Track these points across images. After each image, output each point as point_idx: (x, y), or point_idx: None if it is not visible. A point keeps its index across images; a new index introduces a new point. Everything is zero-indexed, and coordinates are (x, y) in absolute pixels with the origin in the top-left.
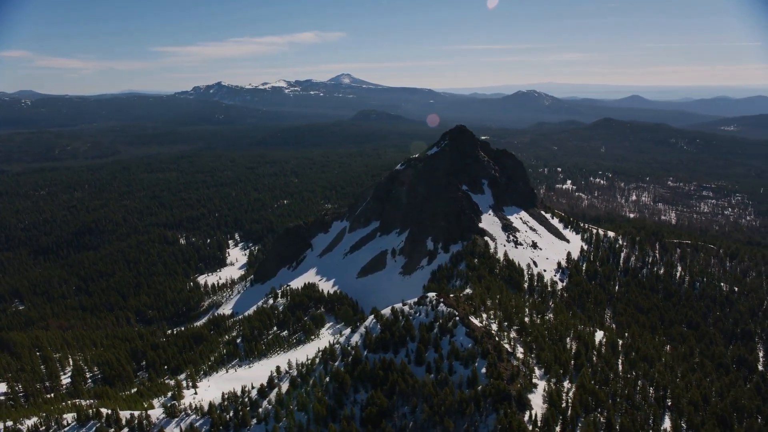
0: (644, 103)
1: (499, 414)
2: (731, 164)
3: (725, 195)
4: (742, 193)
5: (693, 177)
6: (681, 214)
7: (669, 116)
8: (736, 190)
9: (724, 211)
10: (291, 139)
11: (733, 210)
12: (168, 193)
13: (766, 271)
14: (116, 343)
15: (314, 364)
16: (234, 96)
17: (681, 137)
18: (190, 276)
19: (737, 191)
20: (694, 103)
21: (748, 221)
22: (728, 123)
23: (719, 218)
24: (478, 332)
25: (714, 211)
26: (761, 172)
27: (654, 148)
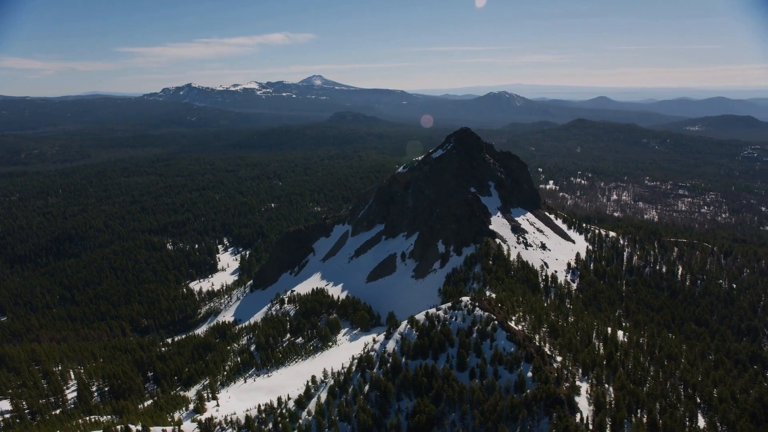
0: (611, 104)
1: (552, 418)
2: (701, 163)
3: (700, 193)
4: (716, 191)
5: (668, 176)
6: (662, 212)
7: (635, 117)
8: (709, 188)
9: (700, 209)
10: (268, 141)
11: (709, 208)
12: (148, 197)
13: (760, 267)
14: (117, 354)
15: (351, 372)
16: (205, 98)
17: (652, 137)
18: (181, 283)
19: (710, 190)
20: (658, 104)
21: (724, 219)
22: (692, 123)
23: (696, 216)
24: (519, 336)
25: (691, 209)
26: (729, 171)
27: (627, 148)
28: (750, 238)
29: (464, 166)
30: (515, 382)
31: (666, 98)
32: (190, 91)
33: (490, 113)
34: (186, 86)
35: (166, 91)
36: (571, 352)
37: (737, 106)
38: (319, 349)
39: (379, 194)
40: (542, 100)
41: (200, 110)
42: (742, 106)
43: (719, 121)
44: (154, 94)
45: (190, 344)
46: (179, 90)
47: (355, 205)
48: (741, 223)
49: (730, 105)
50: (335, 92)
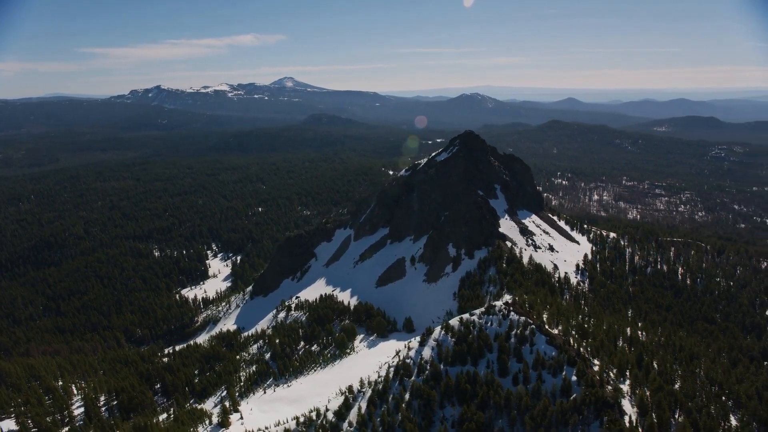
0: (580, 105)
1: (602, 422)
2: (672, 163)
3: (675, 193)
4: (690, 190)
5: (644, 176)
6: (643, 212)
7: (604, 118)
8: (683, 187)
9: (677, 208)
10: (244, 144)
11: (686, 207)
12: (128, 202)
13: (752, 265)
14: (118, 367)
15: (388, 381)
16: (175, 100)
17: (624, 138)
18: (172, 290)
19: (685, 189)
20: (624, 106)
21: (701, 217)
22: (659, 124)
23: (674, 215)
24: (558, 340)
25: (669, 208)
26: (700, 170)
27: (602, 149)
28: (733, 236)
29: (471, 169)
30: (561, 386)
31: (631, 99)
32: (160, 93)
33: (463, 115)
34: (155, 88)
35: (134, 93)
36: (605, 355)
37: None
38: (337, 357)
39: (382, 198)
40: (513, 102)
41: (171, 113)
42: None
43: (684, 122)
44: (121, 96)
45: (195, 354)
46: (148, 92)
47: (356, 209)
48: (717, 221)
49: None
50: (308, 94)
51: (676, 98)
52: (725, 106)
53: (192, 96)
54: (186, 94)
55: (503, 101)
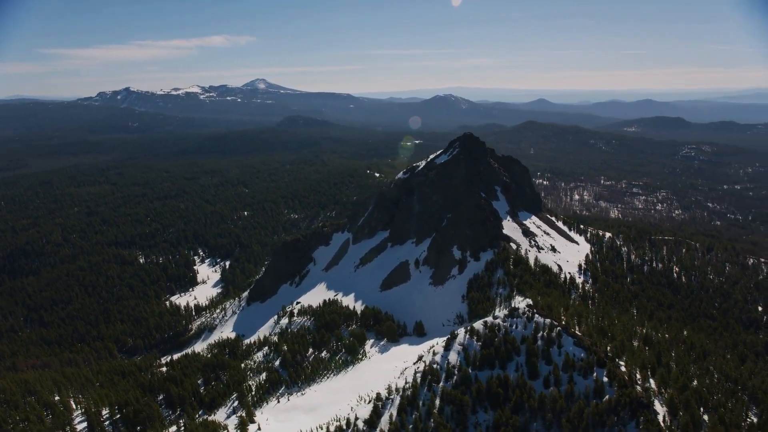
0: (551, 106)
1: (638, 422)
2: (646, 163)
3: (652, 191)
4: (665, 189)
5: (620, 175)
6: (623, 210)
7: (575, 118)
8: (659, 186)
9: (655, 206)
10: (221, 146)
11: (662, 205)
12: (106, 208)
13: (739, 262)
14: (116, 379)
15: (417, 387)
16: (145, 102)
17: (598, 138)
18: (161, 297)
19: (660, 188)
20: (593, 106)
21: (678, 215)
22: (629, 124)
23: (653, 213)
24: (585, 341)
25: (646, 206)
26: (672, 170)
27: (577, 149)
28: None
29: (472, 171)
30: (593, 388)
31: (600, 100)
32: (129, 96)
33: (437, 116)
34: (124, 90)
35: (102, 96)
36: (629, 355)
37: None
38: (349, 363)
39: (380, 200)
40: (486, 103)
41: (142, 115)
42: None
43: (653, 122)
44: (89, 99)
45: (195, 364)
46: (117, 94)
47: (354, 212)
48: (693, 219)
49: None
50: (281, 96)
51: (643, 99)
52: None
53: (163, 98)
54: (157, 97)
55: (476, 102)
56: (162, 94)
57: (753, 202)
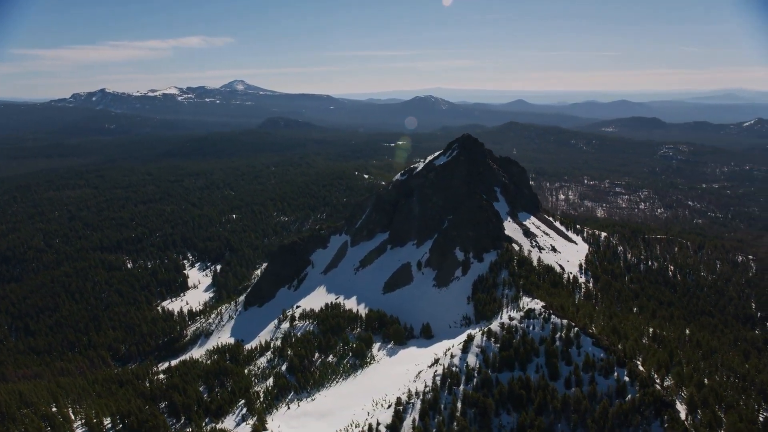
0: (529, 107)
1: (663, 421)
2: (626, 162)
3: (634, 191)
4: (647, 188)
5: (603, 175)
6: (609, 210)
7: (554, 119)
8: (641, 185)
9: (638, 205)
10: (203, 149)
11: (645, 204)
12: (88, 212)
13: (729, 259)
14: (113, 388)
15: (438, 391)
16: (121, 104)
17: (579, 138)
18: (152, 303)
19: (642, 187)
20: (570, 107)
21: (660, 213)
22: (607, 125)
23: (636, 212)
24: (604, 341)
25: (630, 205)
26: (651, 169)
27: (559, 149)
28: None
29: (472, 172)
30: (616, 387)
31: (576, 101)
32: (104, 97)
33: (418, 117)
34: (99, 91)
35: (76, 97)
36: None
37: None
38: (357, 367)
39: (378, 202)
40: (465, 104)
41: (119, 117)
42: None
43: (630, 122)
44: (63, 100)
45: (195, 370)
46: (92, 96)
47: (351, 214)
48: (676, 218)
49: (633, 107)
50: (260, 97)
51: (619, 100)
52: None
53: (140, 100)
54: (133, 98)
55: (456, 103)
56: (139, 95)
57: (731, 201)
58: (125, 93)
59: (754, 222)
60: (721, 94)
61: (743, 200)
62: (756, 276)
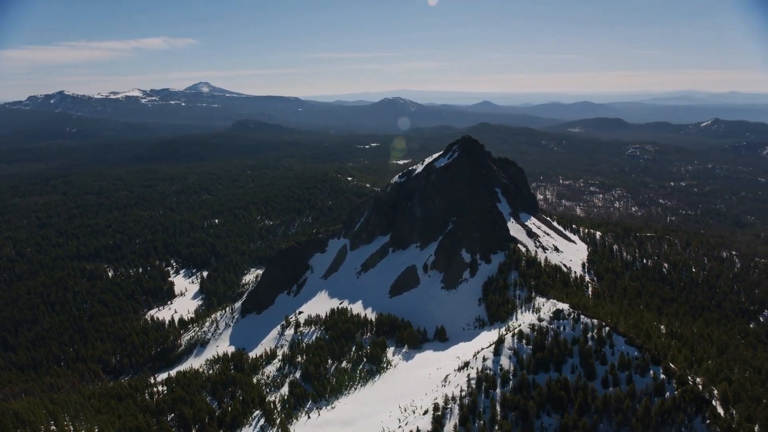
0: (495, 108)
1: (704, 417)
2: (597, 162)
3: (608, 190)
4: (621, 187)
5: (577, 175)
6: (586, 209)
7: (521, 120)
8: (614, 185)
9: (613, 204)
10: (172, 152)
11: (620, 203)
12: (59, 219)
13: (715, 255)
14: (112, 402)
15: (473, 395)
16: (82, 107)
17: (550, 139)
18: (139, 312)
19: (615, 186)
20: (534, 108)
21: (635, 212)
22: (573, 126)
23: (612, 210)
24: (637, 340)
25: (605, 204)
26: (621, 168)
27: (531, 150)
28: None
29: (475, 173)
30: (654, 386)
31: (541, 102)
32: (64, 99)
33: (387, 119)
34: (58, 94)
35: (33, 100)
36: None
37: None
38: (374, 373)
39: (377, 205)
40: (433, 105)
41: (80, 120)
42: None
43: (595, 123)
44: (18, 103)
45: (198, 381)
46: (50, 98)
47: (349, 218)
48: (650, 216)
49: (595, 108)
50: (227, 100)
51: (581, 101)
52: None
53: (101, 102)
54: (94, 101)
55: (424, 105)
56: (100, 98)
57: (699, 198)
58: (85, 95)
59: (723, 219)
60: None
61: (710, 198)
62: (742, 271)
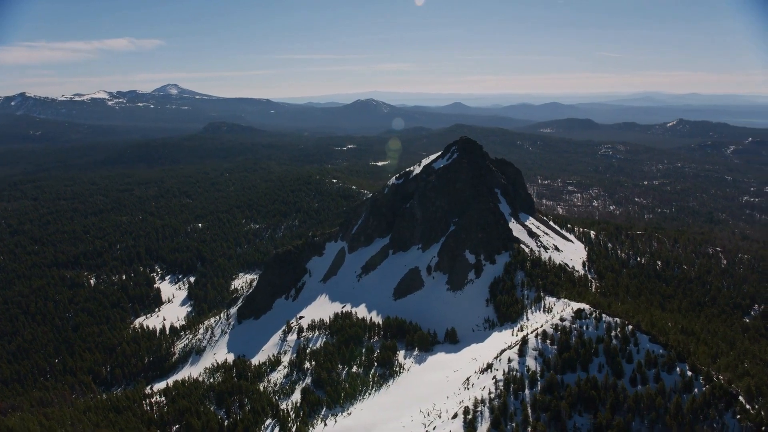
0: (467, 110)
1: (734, 412)
2: (571, 162)
3: (585, 189)
4: (597, 186)
5: (554, 174)
6: (567, 208)
7: (493, 121)
8: (590, 184)
9: (591, 203)
10: (145, 156)
11: (598, 201)
12: (32, 225)
13: (701, 252)
14: (111, 415)
15: (502, 397)
16: (45, 109)
17: (524, 140)
18: (126, 321)
19: (592, 185)
20: (505, 109)
21: (613, 210)
22: (544, 126)
23: (591, 209)
24: (661, 338)
25: (584, 203)
26: (595, 168)
27: (506, 150)
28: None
29: (476, 174)
30: (682, 383)
31: (511, 103)
32: (25, 102)
33: (361, 120)
34: (19, 96)
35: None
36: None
37: (569, 110)
38: (388, 377)
39: (374, 207)
40: (405, 107)
41: (44, 123)
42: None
43: (566, 123)
44: None
45: (200, 390)
46: (10, 100)
47: (346, 220)
48: (628, 214)
49: (563, 109)
50: (197, 102)
51: (550, 102)
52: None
53: (66, 105)
54: (58, 103)
55: (397, 106)
56: (64, 100)
57: (672, 196)
58: (49, 97)
59: (698, 216)
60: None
61: (682, 196)
62: (729, 267)
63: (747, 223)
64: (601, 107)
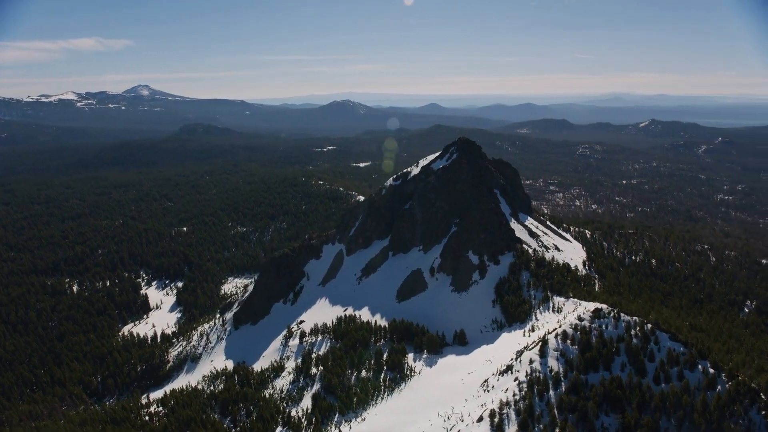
0: (443, 110)
1: (759, 408)
2: (550, 162)
3: (567, 188)
4: (578, 186)
5: (536, 174)
6: (551, 208)
7: (469, 121)
8: (571, 184)
9: (574, 202)
10: (119, 158)
11: (580, 201)
12: (7, 231)
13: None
14: (109, 428)
15: (528, 399)
16: (10, 110)
17: (504, 140)
18: (114, 328)
19: (573, 185)
20: (479, 110)
21: (595, 209)
22: (520, 127)
23: (573, 208)
24: (681, 336)
25: (566, 203)
26: (574, 167)
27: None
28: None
29: (476, 174)
30: (705, 380)
31: (485, 104)
32: None
33: (338, 121)
34: None
35: None
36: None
37: (543, 110)
38: (399, 381)
39: (373, 209)
40: (381, 108)
41: (9, 125)
42: (546, 111)
43: (542, 124)
44: None
45: (200, 398)
46: None
47: (343, 222)
48: (610, 213)
49: (537, 110)
50: (170, 103)
51: (524, 103)
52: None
53: (31, 106)
54: (24, 104)
55: (373, 107)
56: (30, 101)
57: (651, 195)
58: (13, 98)
59: (677, 214)
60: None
61: (660, 194)
62: (718, 263)
63: (724, 221)
64: (574, 108)
